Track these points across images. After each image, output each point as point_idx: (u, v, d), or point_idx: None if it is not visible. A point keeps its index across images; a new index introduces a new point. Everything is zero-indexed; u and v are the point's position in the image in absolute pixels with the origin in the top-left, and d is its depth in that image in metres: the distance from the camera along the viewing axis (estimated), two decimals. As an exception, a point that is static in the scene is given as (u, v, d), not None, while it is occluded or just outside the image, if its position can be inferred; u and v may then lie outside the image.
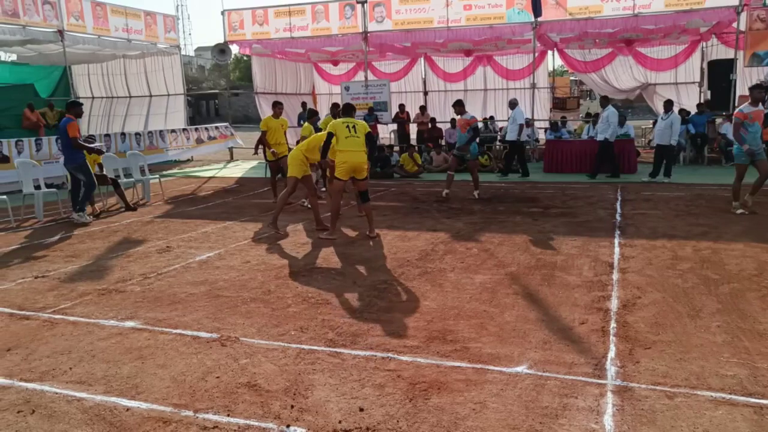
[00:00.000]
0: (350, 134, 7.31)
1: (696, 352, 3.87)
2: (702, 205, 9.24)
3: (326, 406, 3.29)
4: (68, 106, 9.65)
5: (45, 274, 6.21)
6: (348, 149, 7.32)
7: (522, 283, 5.48)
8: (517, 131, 13.33)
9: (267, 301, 5.16)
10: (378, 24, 16.75)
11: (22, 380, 3.70)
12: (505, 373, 3.64)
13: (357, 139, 7.34)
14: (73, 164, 9.24)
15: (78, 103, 9.61)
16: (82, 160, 9.29)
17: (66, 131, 9.06)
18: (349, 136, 7.31)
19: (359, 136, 7.35)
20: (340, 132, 7.32)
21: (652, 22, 14.44)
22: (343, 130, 7.33)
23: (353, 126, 7.38)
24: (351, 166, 7.37)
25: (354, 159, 7.33)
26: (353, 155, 7.33)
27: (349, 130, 7.33)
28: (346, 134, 7.30)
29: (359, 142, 7.35)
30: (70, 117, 9.21)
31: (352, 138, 7.32)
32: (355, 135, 7.33)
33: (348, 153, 7.32)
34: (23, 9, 14.00)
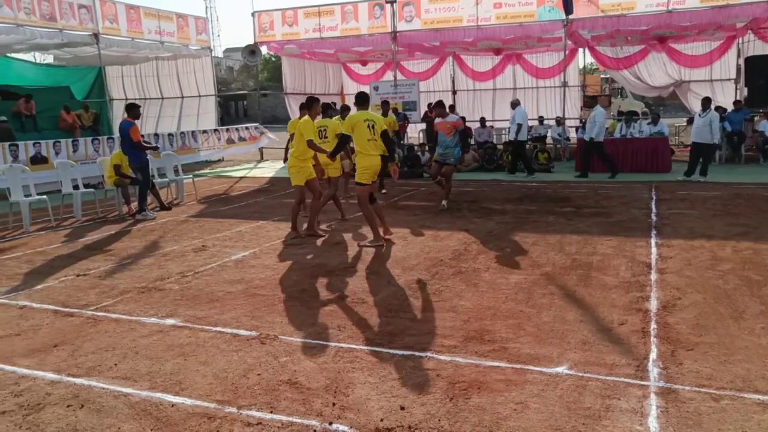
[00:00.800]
0: (371, 137, 6.98)
1: (741, 354, 3.80)
2: (741, 204, 9.05)
3: (367, 404, 3.31)
4: (126, 108, 9.96)
5: (86, 273, 6.36)
6: (372, 153, 7.01)
7: (558, 284, 5.44)
8: (516, 131, 13.33)
9: (303, 300, 5.21)
10: (407, 23, 16.75)
11: (69, 375, 3.80)
12: (545, 374, 3.62)
13: (376, 143, 7.04)
14: (137, 163, 9.70)
15: (136, 106, 9.89)
16: (146, 160, 9.81)
17: (129, 135, 9.46)
18: (370, 139, 6.98)
19: (377, 138, 7.02)
20: (360, 132, 6.96)
21: (687, 19, 14.16)
22: (364, 131, 6.95)
23: (373, 125, 7.02)
24: (375, 171, 7.14)
25: (377, 162, 7.07)
26: (376, 159, 7.06)
27: (370, 131, 6.98)
28: (368, 136, 6.96)
29: (378, 145, 7.06)
30: (130, 120, 9.59)
31: (373, 141, 7.00)
32: (374, 138, 7.00)
33: (372, 157, 7.02)
34: (60, 13, 14.31)
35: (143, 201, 9.81)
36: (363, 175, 7.09)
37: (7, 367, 3.95)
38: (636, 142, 13.82)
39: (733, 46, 16.82)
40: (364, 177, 7.09)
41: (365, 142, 6.96)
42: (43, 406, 3.40)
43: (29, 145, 12.28)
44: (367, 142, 6.96)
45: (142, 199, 9.80)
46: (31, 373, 3.85)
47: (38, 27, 13.67)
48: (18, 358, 4.10)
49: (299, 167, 7.70)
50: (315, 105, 7.65)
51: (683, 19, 14.21)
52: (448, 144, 9.19)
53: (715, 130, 11.53)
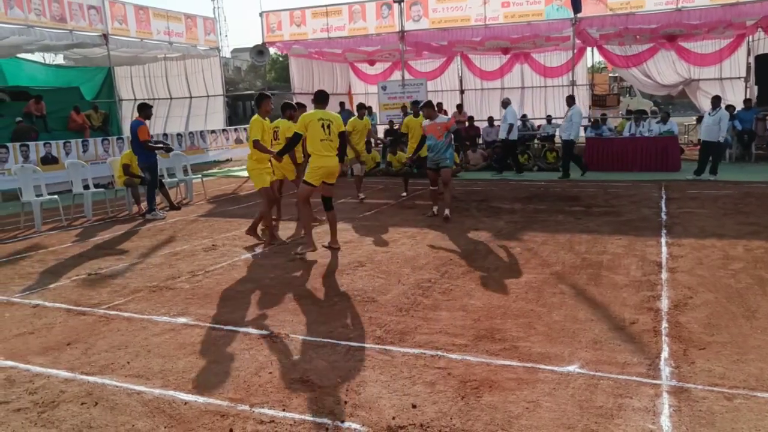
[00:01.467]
0: (326, 137, 6.59)
1: (754, 353, 3.78)
2: (752, 203, 9.00)
3: (379, 403, 3.32)
4: (138, 108, 9.98)
5: (97, 272, 6.40)
6: (323, 153, 6.62)
7: (568, 283, 5.43)
8: (507, 130, 13.43)
9: (313, 299, 5.22)
10: (415, 23, 16.74)
11: (83, 373, 3.83)
12: (556, 373, 3.62)
13: (331, 143, 6.66)
14: (146, 163, 9.71)
15: (147, 106, 9.91)
16: (154, 160, 9.82)
17: (137, 134, 9.48)
18: (324, 139, 6.59)
19: (333, 139, 6.66)
20: (314, 132, 6.57)
21: (696, 17, 14.06)
22: (317, 130, 6.56)
23: (329, 125, 6.62)
24: (327, 171, 6.73)
25: (330, 164, 6.68)
26: (329, 160, 6.67)
27: (324, 131, 6.58)
28: (322, 136, 6.57)
29: (333, 146, 6.68)
30: (140, 120, 9.62)
31: (327, 141, 6.62)
32: (329, 138, 6.62)
33: (324, 157, 6.63)
34: (70, 14, 14.40)
35: (152, 201, 9.85)
36: (312, 175, 6.71)
37: (21, 365, 3.99)
38: (645, 140, 13.77)
39: (743, 44, 16.72)
40: (312, 177, 6.71)
41: (318, 143, 6.58)
42: (57, 404, 3.43)
43: (40, 146, 12.38)
44: (320, 143, 6.58)
45: (151, 199, 9.84)
46: (45, 371, 3.88)
47: (48, 28, 13.76)
48: (32, 356, 4.14)
49: (259, 169, 7.35)
50: (264, 102, 7.30)
51: (693, 17, 14.12)
52: (440, 147, 8.60)
53: (723, 128, 11.48)
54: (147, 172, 9.79)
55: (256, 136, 7.04)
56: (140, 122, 9.58)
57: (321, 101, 6.81)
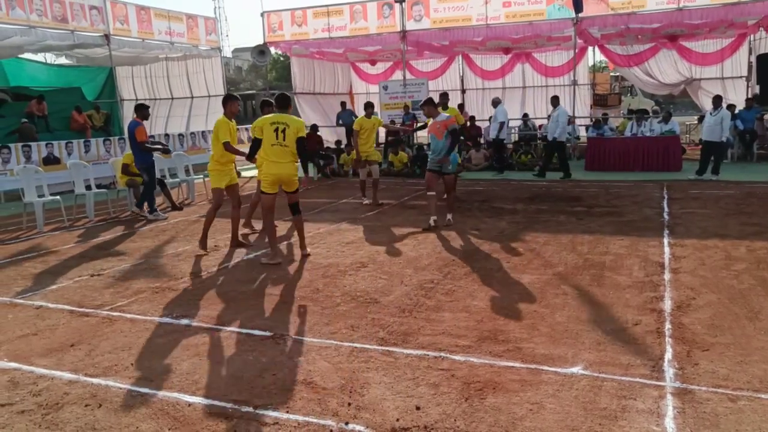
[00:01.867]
0: (277, 141, 6.23)
1: (757, 354, 3.78)
2: (754, 203, 8.99)
3: (383, 404, 3.32)
4: (135, 109, 9.91)
5: (100, 273, 6.40)
6: (273, 159, 6.31)
7: (571, 284, 5.43)
8: (497, 129, 13.57)
9: (316, 300, 5.22)
10: (416, 23, 16.74)
11: (87, 375, 3.83)
12: (560, 374, 3.62)
13: (284, 149, 6.27)
14: (143, 164, 9.64)
15: (144, 106, 9.81)
16: (151, 161, 9.73)
17: (134, 135, 9.44)
18: (275, 144, 6.24)
19: (288, 144, 6.26)
20: (266, 135, 6.26)
21: (697, 17, 14.06)
22: (269, 134, 6.23)
23: (283, 129, 6.22)
24: (277, 179, 6.41)
25: (280, 171, 6.33)
26: (279, 167, 6.32)
27: (276, 136, 6.22)
28: (272, 141, 6.23)
29: (287, 152, 6.29)
30: (138, 120, 9.56)
31: (279, 147, 6.26)
32: (283, 143, 6.25)
33: (273, 164, 6.32)
34: (72, 14, 14.41)
35: (152, 201, 9.79)
36: (264, 184, 6.50)
37: (25, 367, 4.00)
38: (647, 140, 13.76)
39: (744, 43, 16.72)
40: (266, 186, 6.48)
41: (269, 147, 6.28)
42: (61, 406, 3.44)
43: (42, 146, 12.39)
44: (270, 147, 6.27)
45: (149, 200, 9.75)
46: (49, 373, 3.89)
47: (50, 28, 13.77)
48: (36, 358, 4.15)
49: (219, 170, 7.23)
50: (230, 104, 7.15)
51: (694, 17, 14.11)
52: (441, 148, 8.08)
53: (725, 128, 11.48)
54: (144, 173, 9.71)
55: (225, 138, 6.94)
56: (137, 123, 9.51)
57: (280, 105, 6.47)
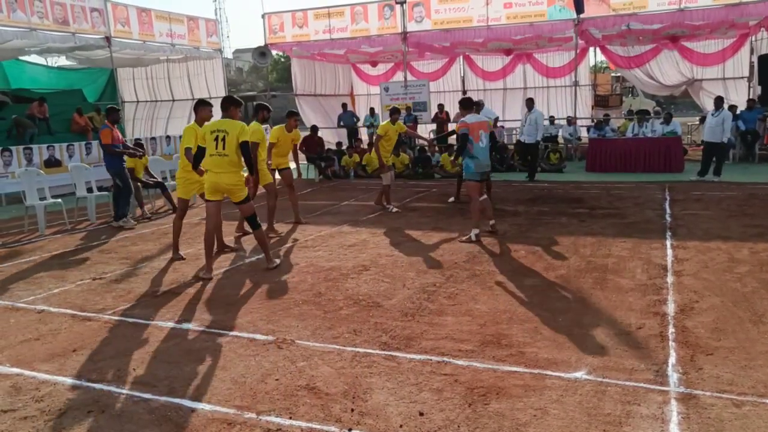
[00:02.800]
0: (216, 152, 5.95)
1: (762, 359, 3.77)
2: (756, 204, 8.98)
3: (386, 410, 3.31)
4: (106, 111, 9.65)
5: (102, 276, 6.40)
6: (212, 169, 6.03)
7: (574, 287, 5.42)
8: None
9: (318, 304, 5.21)
10: (417, 24, 16.75)
11: (89, 381, 3.82)
12: (563, 379, 3.61)
13: (224, 158, 5.94)
14: (112, 168, 9.33)
15: (114, 109, 9.54)
16: (118, 165, 9.30)
17: (100, 138, 9.28)
18: (213, 154, 5.96)
19: (228, 153, 5.93)
20: (207, 145, 6.00)
21: (699, 17, 14.06)
22: (210, 143, 5.96)
23: (223, 138, 5.92)
24: (215, 188, 6.12)
25: (219, 180, 6.03)
26: (217, 177, 6.02)
27: (215, 145, 5.93)
28: (211, 151, 5.96)
29: (225, 162, 5.95)
30: (106, 123, 9.33)
31: (217, 157, 5.95)
32: (222, 152, 5.93)
33: (212, 174, 6.05)
34: (73, 17, 14.43)
35: (123, 207, 9.30)
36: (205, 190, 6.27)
37: (27, 372, 3.99)
38: (648, 141, 13.75)
39: (745, 44, 16.70)
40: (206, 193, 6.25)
41: (208, 157, 6.03)
42: (64, 412, 3.43)
43: (43, 149, 12.41)
44: (209, 158, 6.02)
45: (121, 205, 9.29)
46: (51, 378, 3.88)
47: (51, 31, 13.80)
48: (38, 363, 4.14)
49: (185, 178, 7.08)
50: (201, 109, 6.96)
51: (695, 18, 14.11)
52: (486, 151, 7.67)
53: (726, 129, 11.47)
54: (116, 177, 9.28)
55: (188, 143, 6.65)
56: (105, 126, 9.26)
57: (223, 109, 6.19)
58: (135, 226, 9.28)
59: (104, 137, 9.17)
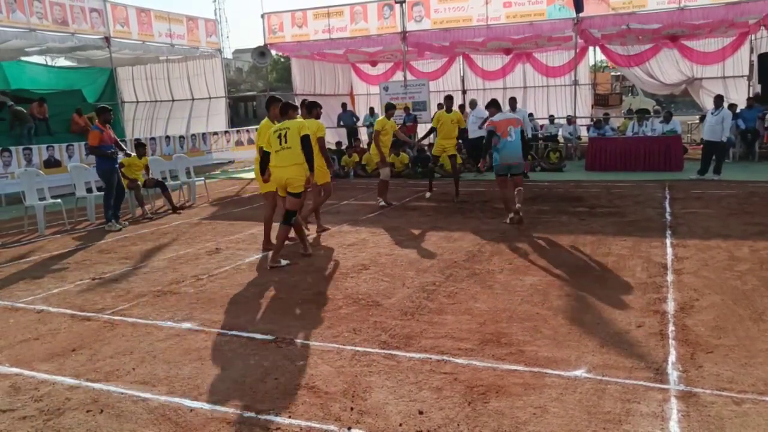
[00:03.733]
0: (280, 147, 6.41)
1: (762, 356, 3.76)
2: (756, 203, 8.97)
3: (385, 409, 3.31)
4: (97, 112, 9.49)
5: (101, 276, 6.39)
6: (276, 165, 6.48)
7: (573, 285, 5.41)
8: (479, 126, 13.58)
9: (318, 303, 5.21)
10: (416, 23, 16.72)
11: (88, 380, 3.82)
12: (563, 377, 3.60)
13: (288, 151, 6.40)
14: (99, 169, 9.21)
15: (106, 109, 9.33)
16: (107, 167, 9.10)
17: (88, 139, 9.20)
18: (279, 150, 6.43)
19: (291, 145, 6.39)
20: (272, 145, 6.48)
21: (698, 16, 14.02)
22: (274, 142, 6.46)
23: (285, 134, 6.42)
24: (280, 183, 6.58)
25: (281, 174, 6.48)
26: (281, 171, 6.47)
27: (279, 142, 6.42)
28: (276, 147, 6.44)
29: (289, 154, 6.40)
30: (96, 124, 9.19)
31: (282, 151, 6.42)
32: (286, 146, 6.40)
33: (276, 169, 6.50)
34: (72, 17, 14.43)
35: (107, 209, 9.16)
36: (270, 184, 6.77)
37: (26, 372, 3.99)
38: (648, 140, 13.74)
39: (745, 42, 16.68)
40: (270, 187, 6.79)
41: (274, 154, 6.49)
42: (63, 411, 3.42)
43: (42, 149, 12.41)
44: (275, 154, 6.47)
45: (106, 208, 9.18)
46: (50, 378, 3.87)
47: (50, 31, 13.80)
48: (37, 363, 4.13)
49: None
50: (274, 106, 7.09)
51: (695, 17, 14.07)
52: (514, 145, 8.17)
53: (726, 127, 11.47)
54: (102, 179, 9.21)
55: (261, 143, 6.98)
56: (95, 126, 9.15)
57: (282, 113, 6.64)
58: (121, 229, 9.09)
59: (92, 139, 9.00)
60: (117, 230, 9.02)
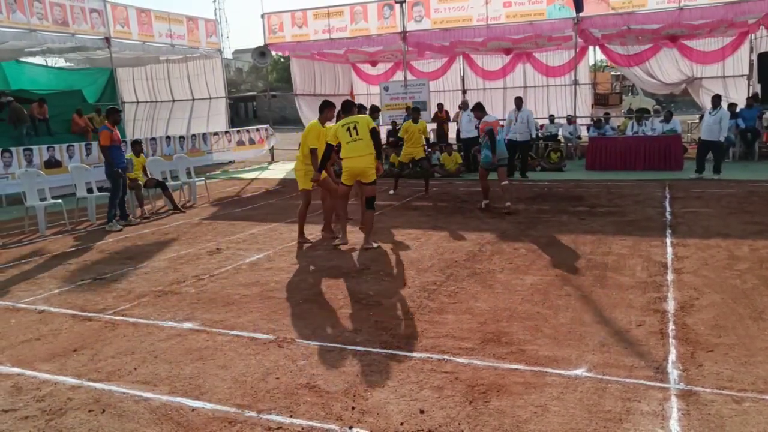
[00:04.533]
0: (351, 138, 6.87)
1: (762, 355, 3.77)
2: (756, 202, 8.98)
3: (386, 408, 3.32)
4: (106, 113, 9.62)
5: (102, 276, 6.40)
6: (350, 155, 6.90)
7: (574, 284, 5.42)
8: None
9: (319, 303, 5.22)
10: (416, 23, 16.73)
11: (90, 380, 3.83)
12: (564, 376, 3.61)
13: (360, 142, 6.86)
14: (106, 170, 9.30)
15: (115, 110, 9.49)
16: (111, 169, 9.20)
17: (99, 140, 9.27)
18: (350, 141, 6.87)
19: (362, 137, 6.86)
20: (341, 138, 6.92)
21: (698, 16, 14.03)
22: (344, 135, 6.90)
23: (354, 127, 6.88)
24: (353, 173, 7.00)
25: (356, 165, 6.90)
26: (356, 161, 6.89)
27: (350, 134, 6.86)
28: (347, 139, 6.88)
29: (362, 145, 6.87)
30: (106, 125, 9.27)
31: (354, 143, 6.87)
32: (357, 137, 6.86)
33: (350, 159, 6.91)
34: (72, 17, 14.42)
35: (110, 209, 9.24)
36: (343, 175, 7.13)
37: (28, 372, 4.00)
38: (648, 140, 13.75)
39: (745, 42, 16.67)
40: (344, 178, 7.13)
41: (345, 146, 6.94)
42: (65, 411, 3.43)
43: (43, 149, 12.40)
44: (347, 145, 6.92)
45: (110, 207, 9.25)
46: (52, 378, 3.88)
47: (50, 32, 13.79)
48: (39, 363, 4.14)
49: (305, 171, 7.51)
50: (328, 109, 7.52)
51: (695, 16, 14.08)
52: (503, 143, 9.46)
53: (724, 127, 11.52)
54: (108, 179, 9.31)
55: (313, 144, 7.30)
56: (104, 127, 9.23)
57: (345, 110, 7.22)
58: (122, 229, 9.10)
59: (103, 139, 9.12)
60: (118, 230, 9.02)
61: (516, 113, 12.96)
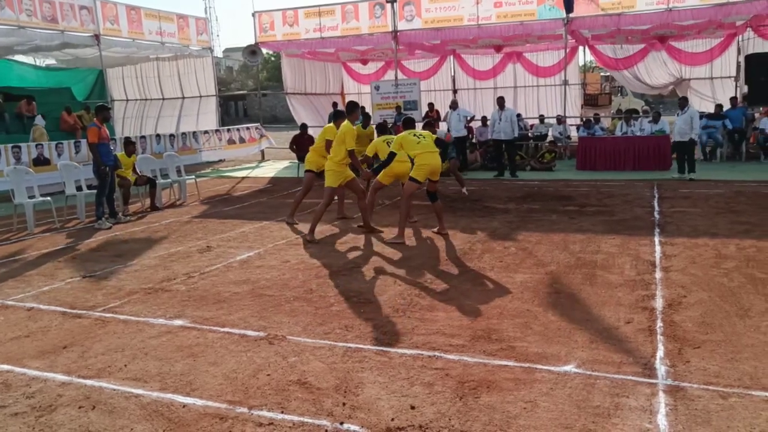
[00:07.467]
0: (420, 140, 7.33)
1: (747, 352, 3.82)
2: (743, 202, 9.07)
3: (377, 404, 3.33)
4: (96, 110, 9.56)
5: (92, 274, 6.37)
6: (425, 151, 7.27)
7: (563, 282, 5.46)
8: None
9: (310, 300, 5.23)
10: (408, 23, 16.75)
11: (80, 377, 3.82)
12: (553, 372, 3.65)
13: (429, 142, 7.39)
14: (93, 167, 9.21)
15: (105, 107, 9.44)
16: (99, 165, 9.08)
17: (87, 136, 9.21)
18: (420, 142, 7.32)
19: (429, 141, 7.40)
20: (410, 142, 7.34)
21: (687, 17, 14.15)
22: (411, 139, 7.35)
23: (420, 134, 7.43)
24: (431, 169, 7.30)
25: (433, 161, 7.29)
26: (432, 156, 7.29)
27: (417, 138, 7.34)
28: (417, 141, 7.32)
29: (432, 144, 7.40)
30: (95, 122, 9.21)
31: (424, 142, 7.33)
32: (424, 140, 7.36)
33: (426, 155, 7.26)
34: (61, 14, 14.32)
35: (98, 207, 9.14)
36: (417, 171, 7.32)
37: (18, 369, 3.98)
38: (637, 140, 13.86)
39: (733, 43, 16.85)
40: (418, 174, 7.32)
41: (416, 145, 7.33)
42: (55, 408, 3.42)
43: (32, 147, 12.30)
44: (417, 144, 7.32)
45: (97, 205, 9.16)
46: (42, 375, 3.87)
47: (39, 29, 13.69)
48: (28, 360, 4.13)
49: (335, 171, 7.63)
50: (355, 112, 7.81)
51: (683, 18, 14.19)
52: None
53: (695, 126, 11.75)
54: (96, 176, 9.20)
55: (351, 146, 7.45)
56: (93, 124, 9.18)
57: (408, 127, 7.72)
58: (111, 227, 9.01)
59: (91, 135, 9.04)
60: (107, 228, 8.95)
61: (500, 113, 13.06)
